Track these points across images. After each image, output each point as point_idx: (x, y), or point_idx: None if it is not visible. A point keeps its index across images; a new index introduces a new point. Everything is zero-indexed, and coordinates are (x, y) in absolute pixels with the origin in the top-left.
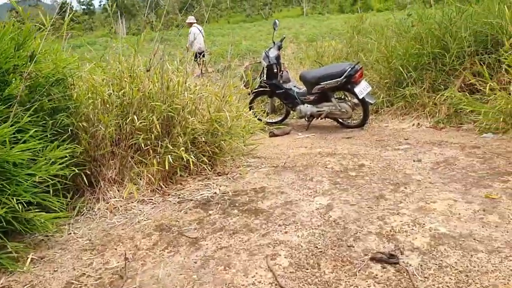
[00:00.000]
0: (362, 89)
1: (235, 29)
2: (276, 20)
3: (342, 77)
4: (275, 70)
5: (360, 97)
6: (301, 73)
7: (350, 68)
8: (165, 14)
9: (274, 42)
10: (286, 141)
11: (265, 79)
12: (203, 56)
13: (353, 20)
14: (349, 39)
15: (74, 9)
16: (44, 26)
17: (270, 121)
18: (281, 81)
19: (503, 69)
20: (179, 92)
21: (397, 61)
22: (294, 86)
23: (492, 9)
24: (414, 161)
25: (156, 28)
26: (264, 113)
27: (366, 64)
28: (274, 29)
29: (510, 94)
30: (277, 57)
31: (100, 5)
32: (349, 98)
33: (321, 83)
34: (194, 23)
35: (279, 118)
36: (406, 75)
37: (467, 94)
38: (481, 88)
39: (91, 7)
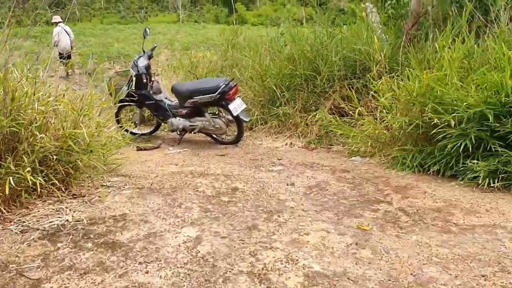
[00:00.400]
0: (237, 106)
1: (108, 30)
2: (147, 28)
3: (216, 93)
4: (145, 80)
5: (235, 114)
6: (174, 85)
7: (224, 85)
8: (33, 9)
9: (144, 51)
10: (155, 156)
11: (133, 89)
12: (69, 57)
13: (228, 33)
14: (224, 52)
15: None
16: None
17: (140, 132)
18: (151, 92)
19: (371, 95)
20: (27, 104)
21: (271, 80)
22: (166, 98)
23: (361, 35)
24: (287, 184)
25: (23, 23)
26: (133, 123)
27: (241, 81)
28: (144, 37)
29: (376, 119)
30: (147, 67)
31: None
32: (224, 114)
33: (195, 97)
34: (59, 22)
35: (149, 130)
36: (280, 94)
37: (337, 116)
38: (350, 112)
39: None
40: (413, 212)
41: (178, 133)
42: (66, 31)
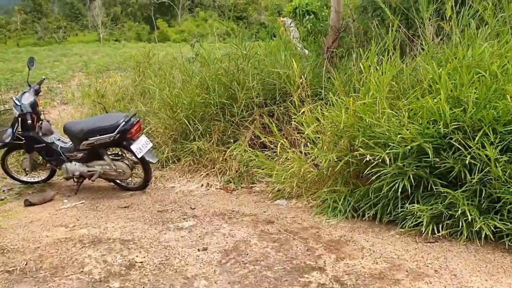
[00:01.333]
0: (141, 146)
1: (21, 54)
2: (33, 58)
3: (115, 132)
4: (29, 121)
5: (139, 156)
6: (65, 125)
7: (124, 122)
8: None
9: (30, 85)
10: (45, 213)
11: (19, 130)
12: None
13: (139, 56)
14: (135, 77)
15: None
16: None
17: (32, 180)
18: (40, 134)
19: (293, 123)
20: None
21: (182, 111)
22: (58, 140)
23: (278, 56)
24: (199, 250)
25: None
26: (24, 170)
27: (149, 112)
28: (29, 68)
29: (301, 153)
30: (33, 104)
31: None
32: (127, 154)
33: (90, 139)
34: None
35: (43, 177)
36: (193, 127)
37: (259, 149)
38: (271, 145)
39: None
40: (352, 283)
41: (75, 180)
42: None
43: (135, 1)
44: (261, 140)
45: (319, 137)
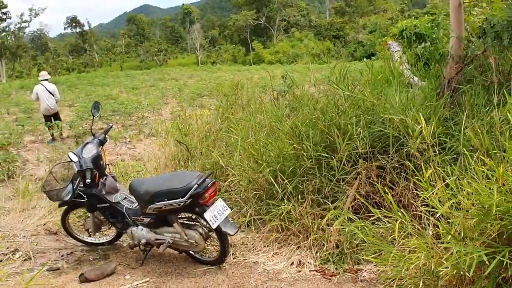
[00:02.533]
0: (217, 213)
1: (120, 78)
2: (98, 103)
3: (186, 197)
4: (88, 179)
5: (214, 226)
6: (131, 183)
7: (197, 184)
8: (53, 56)
9: (93, 135)
10: None
11: (81, 186)
12: (56, 118)
13: (227, 87)
14: (222, 112)
15: None
16: None
17: (95, 241)
18: (103, 191)
19: (412, 184)
20: None
21: (268, 165)
22: (125, 199)
23: (392, 100)
24: None
25: (44, 70)
26: (87, 231)
27: (231, 159)
28: (93, 115)
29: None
30: (96, 158)
31: None
32: (201, 221)
33: (157, 203)
34: (44, 80)
35: (108, 238)
36: (281, 184)
37: (365, 212)
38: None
39: None
40: None
41: (141, 249)
42: (48, 91)
43: (232, 24)
44: (367, 202)
45: (456, 217)
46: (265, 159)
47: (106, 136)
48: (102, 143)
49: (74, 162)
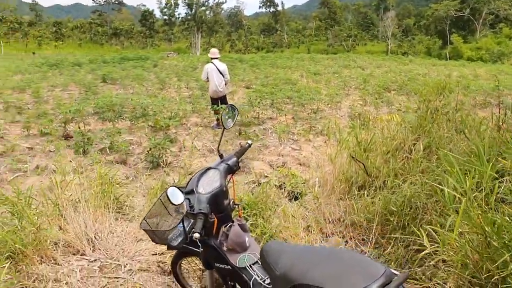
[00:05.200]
0: None
1: (304, 61)
2: (234, 108)
3: None
4: (200, 228)
5: None
6: (265, 248)
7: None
8: (246, 34)
9: (221, 156)
10: None
11: (198, 231)
12: (223, 101)
13: (429, 92)
14: (419, 122)
15: (156, 18)
16: None
17: None
18: (224, 246)
19: None
20: None
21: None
22: (255, 263)
23: None
24: None
25: (235, 47)
26: None
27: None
28: (225, 125)
29: None
30: (217, 196)
31: (178, 17)
32: None
33: None
34: (214, 58)
35: None
36: None
37: None
38: None
39: (172, 18)
40: None
41: None
42: (219, 70)
43: (431, 14)
44: None
45: None
46: (506, 241)
47: (239, 160)
48: (231, 170)
49: (177, 205)
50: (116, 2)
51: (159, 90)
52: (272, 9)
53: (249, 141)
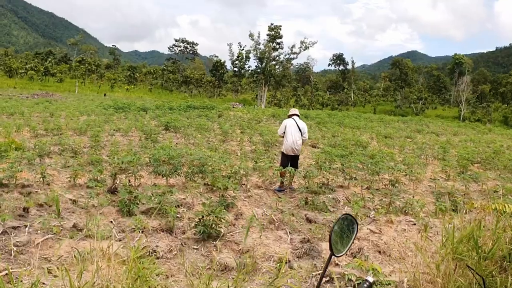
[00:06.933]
0: None
1: (372, 122)
2: (353, 220)
3: None
4: None
5: None
6: None
7: None
8: (312, 90)
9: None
10: None
11: None
12: (294, 161)
13: None
14: None
15: (226, 69)
16: None
17: None
18: None
19: None
20: None
21: None
22: None
23: None
24: None
25: (300, 102)
26: None
27: None
28: (334, 252)
29: None
30: None
31: (248, 69)
32: None
33: None
34: (293, 115)
35: None
36: None
37: None
38: None
39: (242, 70)
40: None
41: None
42: (298, 127)
43: (510, 82)
44: None
45: None
46: None
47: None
48: None
49: None
50: (191, 52)
51: (220, 142)
52: (341, 67)
53: (370, 278)
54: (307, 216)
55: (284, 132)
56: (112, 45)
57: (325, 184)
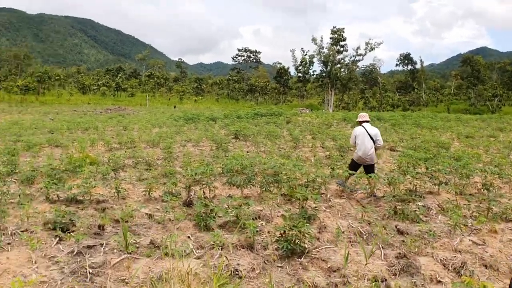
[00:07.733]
0: None
1: (450, 121)
2: None
3: None
4: None
5: None
6: None
7: None
8: (380, 91)
9: None
10: None
11: None
12: (369, 169)
13: None
14: None
15: (290, 75)
16: None
17: None
18: None
19: None
20: None
21: None
22: None
23: None
24: None
25: (369, 104)
26: None
27: None
28: None
29: None
30: None
31: (313, 74)
32: None
33: None
34: (364, 121)
35: None
36: None
37: None
38: None
39: (306, 76)
40: None
41: None
42: (369, 135)
43: None
44: None
45: None
46: None
47: None
48: None
49: None
50: (254, 61)
51: (292, 149)
52: (409, 67)
53: None
54: (397, 227)
55: (355, 142)
56: (179, 59)
57: (413, 190)
